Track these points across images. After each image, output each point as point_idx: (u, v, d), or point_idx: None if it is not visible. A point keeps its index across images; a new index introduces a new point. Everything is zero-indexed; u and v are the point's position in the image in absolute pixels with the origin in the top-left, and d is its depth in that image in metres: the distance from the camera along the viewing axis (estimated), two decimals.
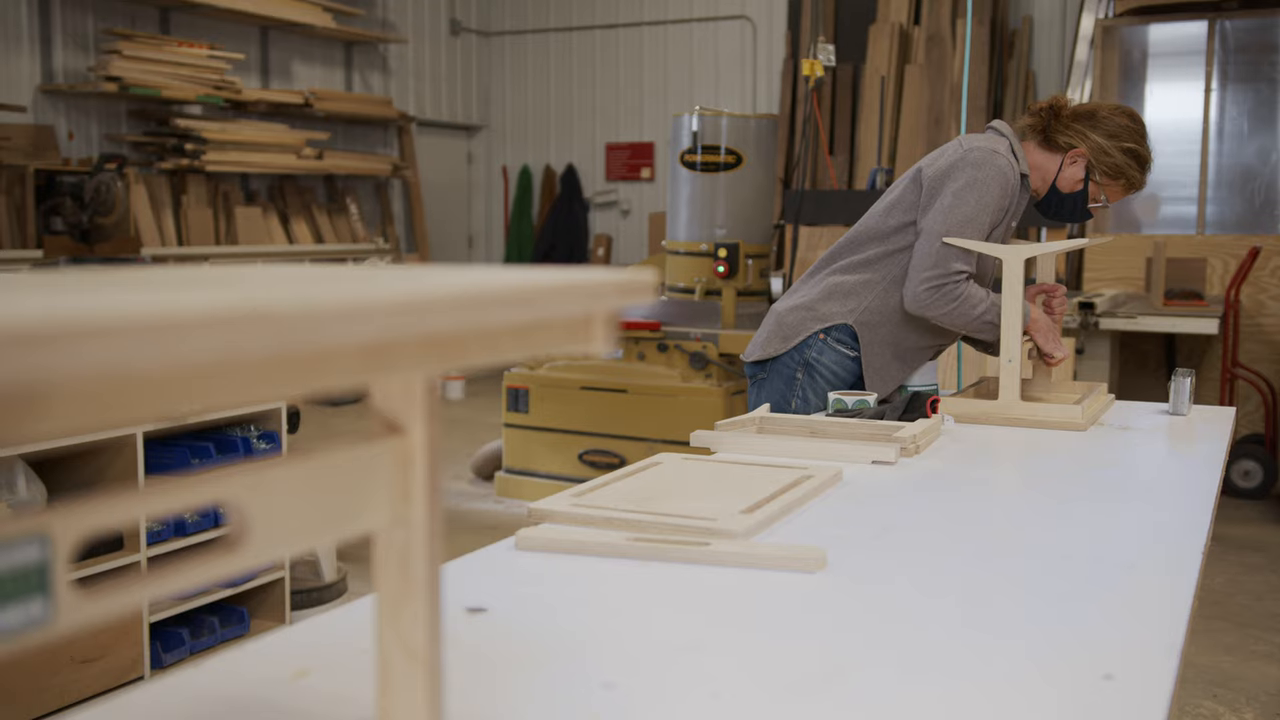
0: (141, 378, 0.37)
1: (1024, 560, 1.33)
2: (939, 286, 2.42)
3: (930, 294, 2.42)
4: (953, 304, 2.42)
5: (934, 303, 2.43)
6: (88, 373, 0.32)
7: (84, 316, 0.32)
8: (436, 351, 0.49)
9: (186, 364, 0.37)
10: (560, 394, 5.46)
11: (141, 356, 0.33)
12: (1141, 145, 2.52)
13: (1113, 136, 2.50)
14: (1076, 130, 2.52)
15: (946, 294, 2.42)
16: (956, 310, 2.43)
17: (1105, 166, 2.51)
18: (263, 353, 0.39)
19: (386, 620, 0.65)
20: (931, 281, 2.42)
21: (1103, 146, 2.49)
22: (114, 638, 2.86)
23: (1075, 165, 2.52)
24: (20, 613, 0.46)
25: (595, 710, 0.89)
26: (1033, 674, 0.98)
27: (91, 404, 0.35)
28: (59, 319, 0.32)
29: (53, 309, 0.32)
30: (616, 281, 0.57)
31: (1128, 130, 2.50)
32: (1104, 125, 2.51)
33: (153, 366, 0.34)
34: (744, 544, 1.31)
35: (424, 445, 0.62)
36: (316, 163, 8.48)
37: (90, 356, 0.32)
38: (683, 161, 5.84)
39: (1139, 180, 2.55)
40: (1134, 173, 2.52)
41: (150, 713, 0.87)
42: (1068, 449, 2.04)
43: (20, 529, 0.45)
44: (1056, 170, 2.54)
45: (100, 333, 0.32)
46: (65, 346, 0.32)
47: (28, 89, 7.04)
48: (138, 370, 0.35)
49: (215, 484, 0.53)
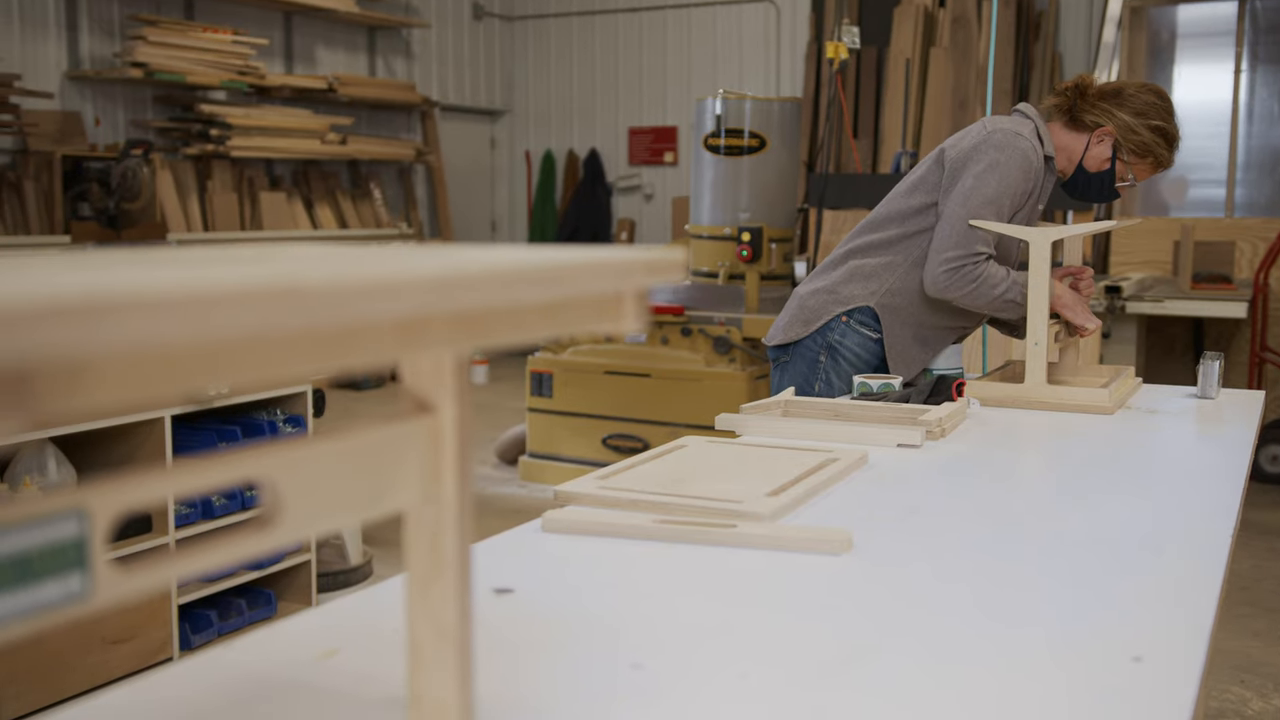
0: (179, 353, 0.37)
1: (1051, 543, 1.33)
2: (958, 268, 2.40)
3: (949, 276, 2.41)
4: (972, 285, 2.41)
5: (953, 284, 2.42)
6: (127, 347, 0.32)
7: (123, 291, 0.33)
8: (467, 328, 0.49)
9: (223, 339, 0.37)
10: (584, 378, 5.47)
11: (180, 331, 0.34)
12: (1169, 123, 2.49)
13: (1140, 114, 2.47)
14: (1103, 109, 2.49)
15: (965, 275, 2.40)
16: (976, 291, 2.41)
17: (1133, 145, 2.48)
18: (297, 328, 0.40)
19: (416, 599, 0.66)
20: (950, 263, 2.41)
21: (1130, 125, 2.47)
22: (144, 619, 2.88)
23: (1102, 144, 2.50)
24: (59, 587, 0.46)
25: (624, 690, 0.89)
26: (1061, 655, 0.98)
27: (131, 379, 0.36)
28: (99, 294, 0.32)
29: (92, 284, 0.33)
30: (646, 259, 0.56)
31: (1155, 108, 2.48)
32: (1131, 103, 2.48)
33: (190, 341, 0.34)
34: (770, 526, 1.31)
35: (454, 424, 0.63)
36: (340, 148, 8.50)
37: (130, 331, 0.33)
38: (706, 145, 5.83)
39: (1167, 158, 2.52)
40: (1162, 151, 2.50)
41: (183, 690, 0.88)
42: (1095, 432, 2.02)
43: (58, 504, 0.46)
44: (1083, 150, 2.52)
45: (139, 307, 0.33)
46: (105, 320, 0.32)
47: (55, 76, 7.08)
48: (176, 345, 0.35)
49: (249, 461, 0.53)
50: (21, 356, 0.31)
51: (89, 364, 0.34)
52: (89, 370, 0.34)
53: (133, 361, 0.35)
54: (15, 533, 0.44)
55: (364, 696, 0.87)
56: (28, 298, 0.31)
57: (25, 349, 0.31)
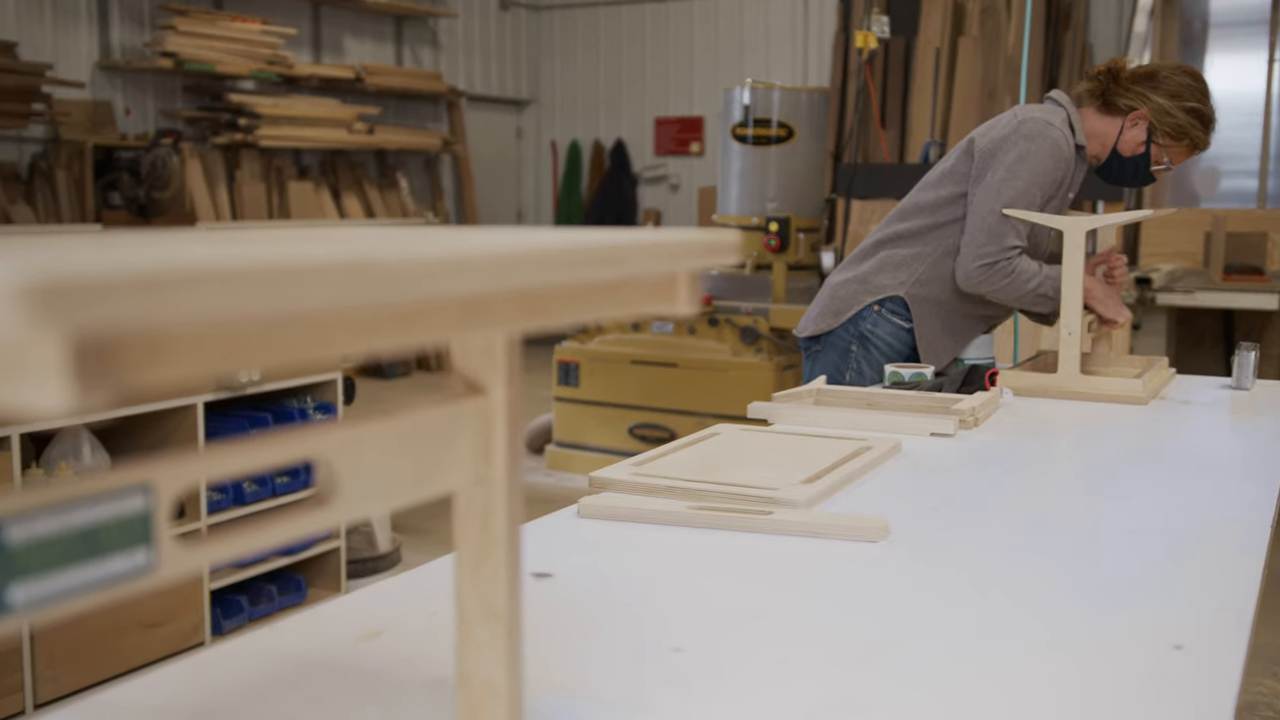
0: (255, 326, 0.37)
1: (1087, 533, 1.32)
2: (992, 264, 2.39)
3: (983, 272, 2.40)
4: (1005, 280, 2.40)
5: (986, 280, 2.41)
6: (205, 320, 0.33)
7: (201, 264, 0.33)
8: (529, 308, 0.50)
9: (298, 313, 0.38)
10: (611, 368, 5.47)
11: (256, 303, 0.34)
12: (1205, 104, 2.47)
13: (1175, 96, 2.45)
14: (1137, 92, 2.47)
15: (999, 271, 2.39)
16: (1009, 286, 2.40)
17: (1168, 127, 2.46)
18: (371, 303, 0.40)
19: (466, 579, 0.66)
20: (984, 259, 2.40)
21: (1164, 107, 2.45)
22: (177, 604, 2.91)
23: (1136, 128, 2.48)
24: (125, 561, 0.47)
25: (665, 673, 0.90)
26: (1101, 644, 0.97)
27: (208, 352, 0.36)
28: (178, 266, 0.33)
29: (170, 258, 0.33)
30: (701, 241, 0.57)
31: (1190, 89, 2.46)
32: (1165, 85, 2.46)
33: (267, 314, 0.35)
34: (806, 513, 1.31)
35: (505, 405, 0.63)
36: (367, 137, 8.53)
37: (207, 304, 0.33)
38: (734, 135, 5.82)
39: (1203, 140, 2.50)
40: (1198, 133, 2.47)
41: (228, 670, 0.89)
42: (1129, 423, 2.01)
43: (125, 479, 0.46)
44: (1117, 134, 2.50)
45: (218, 279, 0.33)
46: (184, 293, 0.32)
47: (86, 65, 7.13)
48: (252, 318, 0.35)
49: (307, 440, 0.54)
50: (104, 328, 0.31)
51: (168, 337, 0.34)
52: (168, 343, 0.34)
53: (209, 335, 0.36)
54: (84, 507, 0.45)
55: (408, 677, 0.88)
56: (110, 269, 0.31)
57: (107, 321, 0.31)
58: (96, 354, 0.31)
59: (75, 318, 0.29)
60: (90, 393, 0.31)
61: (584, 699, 0.85)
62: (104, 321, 0.31)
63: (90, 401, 0.31)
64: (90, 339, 0.31)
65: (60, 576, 0.44)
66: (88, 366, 0.31)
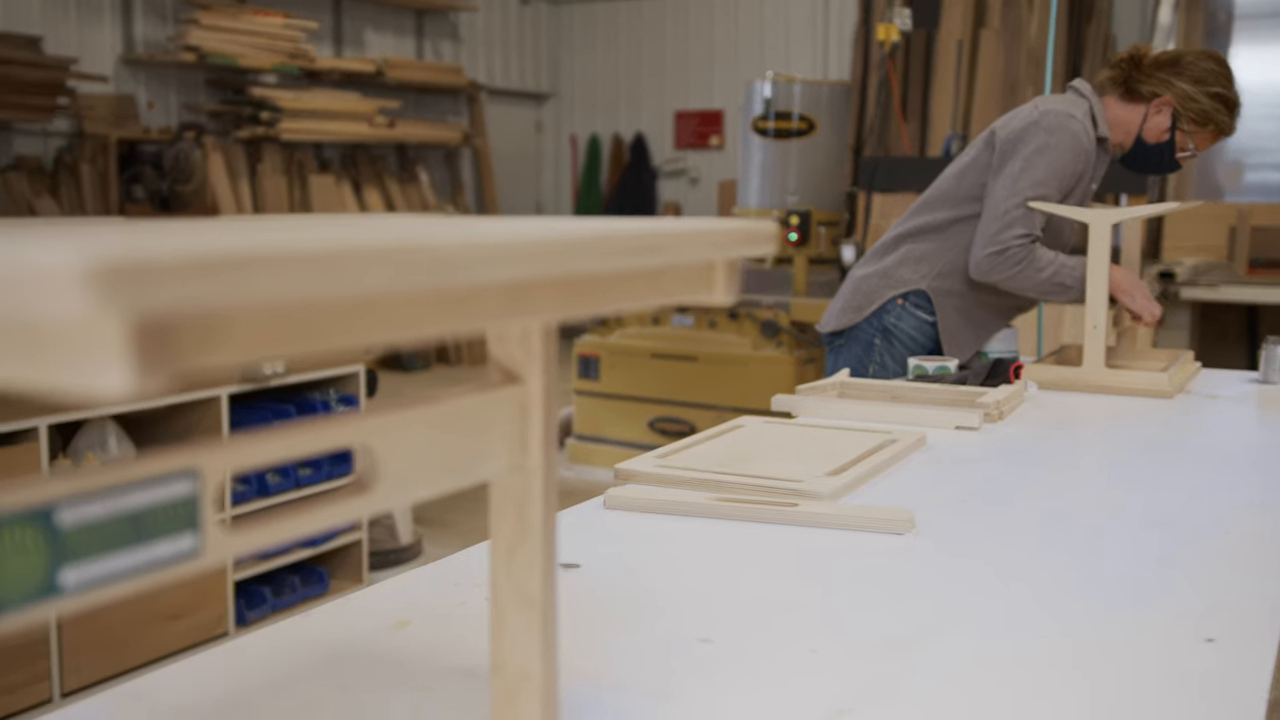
0: (308, 309, 0.38)
1: (1114, 526, 1.32)
2: (1001, 252, 2.38)
3: (993, 259, 2.39)
4: (1016, 268, 2.38)
5: (996, 267, 2.40)
6: (261, 303, 0.33)
7: (261, 248, 0.33)
8: (571, 295, 0.50)
9: (353, 296, 0.38)
10: (631, 361, 5.48)
11: (310, 287, 0.34)
12: (1229, 89, 2.45)
13: (1199, 82, 2.43)
14: (1160, 79, 2.45)
15: (1010, 258, 2.38)
16: (1021, 274, 2.39)
17: (1192, 113, 2.44)
18: (420, 288, 0.40)
19: (501, 566, 0.66)
20: (994, 247, 2.39)
21: (1189, 93, 2.43)
22: (201, 595, 2.93)
23: (1161, 114, 2.46)
24: (171, 545, 0.47)
25: (695, 663, 0.90)
26: (1131, 636, 0.97)
27: (266, 335, 0.36)
28: (238, 249, 0.33)
29: (230, 241, 0.34)
30: (739, 230, 0.57)
31: (1214, 74, 2.44)
32: (1189, 71, 2.44)
33: (320, 298, 0.35)
34: (832, 505, 1.31)
35: (541, 394, 0.63)
36: (388, 131, 8.54)
37: (265, 286, 0.33)
38: (755, 128, 5.81)
39: (1229, 125, 2.48)
40: (1223, 118, 2.46)
41: (261, 658, 0.89)
42: (1154, 416, 2.01)
43: (171, 465, 0.47)
44: (1141, 122, 2.48)
45: (275, 261, 0.33)
46: (244, 276, 0.33)
47: (109, 59, 7.17)
48: (306, 301, 0.36)
49: (348, 426, 0.54)
50: (164, 311, 0.32)
51: (225, 320, 0.35)
52: (225, 326, 0.35)
53: (264, 318, 0.36)
54: (132, 491, 0.46)
55: (440, 665, 0.88)
56: (171, 252, 0.32)
57: (168, 303, 0.31)
58: (157, 337, 0.31)
59: (137, 299, 0.30)
60: (150, 375, 0.31)
61: (613, 687, 0.85)
62: (165, 304, 0.31)
63: (150, 384, 0.32)
64: (151, 321, 0.31)
65: (109, 560, 0.45)
66: (148, 349, 0.31)
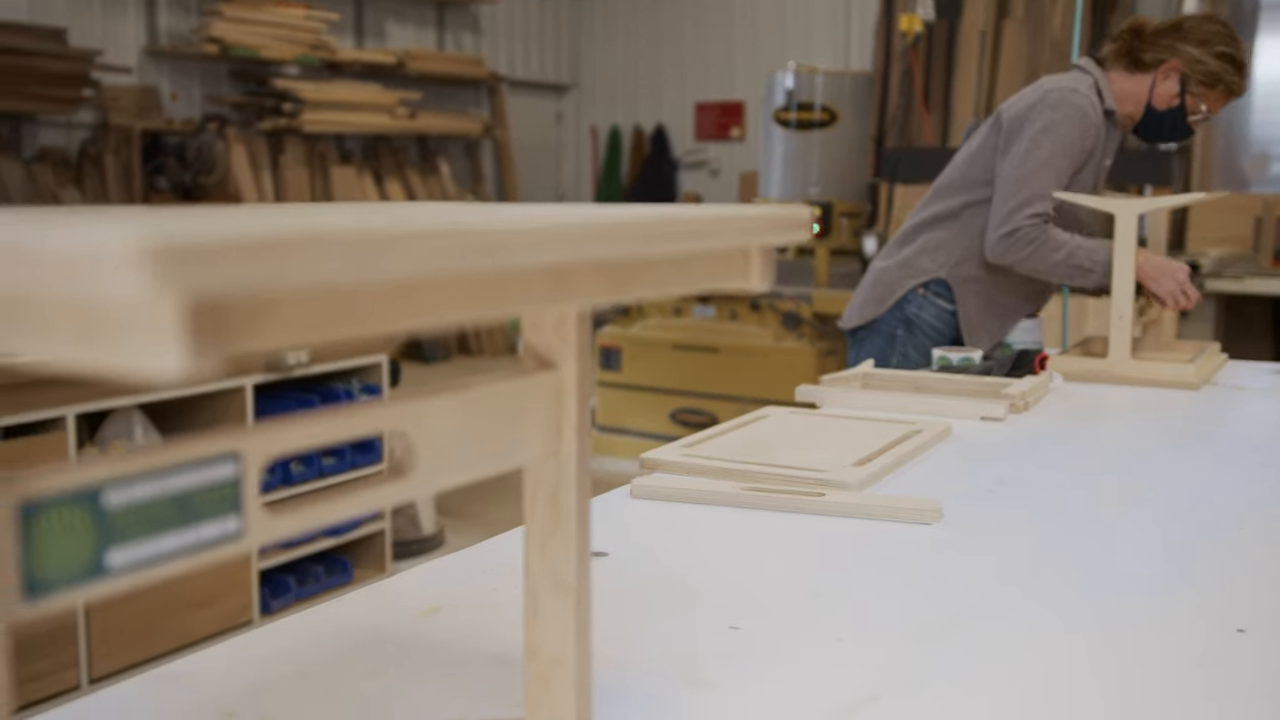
0: (356, 292, 0.38)
1: (1141, 516, 1.31)
2: (1014, 232, 2.38)
3: (1006, 241, 2.38)
4: (1029, 248, 2.37)
5: (1010, 248, 2.39)
6: (311, 285, 0.33)
7: (308, 230, 0.34)
8: (609, 279, 0.50)
9: (396, 279, 0.38)
10: (652, 353, 5.48)
11: (359, 269, 0.35)
12: (1236, 48, 2.44)
13: (1204, 43, 2.42)
14: (1164, 45, 2.45)
15: (1022, 238, 2.37)
16: (1036, 255, 2.38)
17: (1201, 75, 2.43)
18: (465, 271, 0.41)
19: (535, 552, 0.67)
20: (1006, 226, 2.38)
21: (1195, 55, 2.42)
22: (226, 584, 2.95)
23: (1169, 80, 2.45)
24: (216, 527, 0.48)
25: (724, 650, 0.90)
26: (1161, 626, 0.97)
27: (311, 318, 0.37)
28: (286, 231, 0.33)
29: (277, 224, 0.34)
30: (775, 216, 0.57)
31: (1219, 34, 2.43)
32: (1194, 34, 2.43)
33: (368, 280, 0.35)
34: (859, 495, 1.31)
35: (575, 380, 0.64)
36: (409, 123, 8.56)
37: (315, 268, 0.34)
38: (776, 119, 5.79)
39: (1239, 84, 2.46)
40: (1232, 77, 2.45)
41: (294, 642, 0.90)
42: (1181, 408, 1.99)
43: (214, 448, 0.47)
44: (1149, 91, 2.47)
45: (325, 242, 0.34)
46: (294, 255, 0.33)
47: (133, 51, 7.20)
48: (353, 284, 0.36)
49: (386, 411, 0.54)
50: (216, 292, 0.32)
51: (274, 302, 0.35)
52: (273, 308, 0.35)
53: (314, 300, 0.36)
54: (178, 474, 0.46)
55: (471, 651, 0.89)
56: (223, 232, 0.32)
57: (220, 284, 0.32)
58: (210, 318, 0.32)
59: (191, 280, 0.30)
60: (203, 357, 0.32)
61: (643, 674, 0.85)
62: (217, 285, 0.31)
63: (202, 366, 0.32)
64: (204, 303, 0.32)
65: (155, 541, 0.46)
66: (201, 331, 0.32)
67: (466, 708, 0.79)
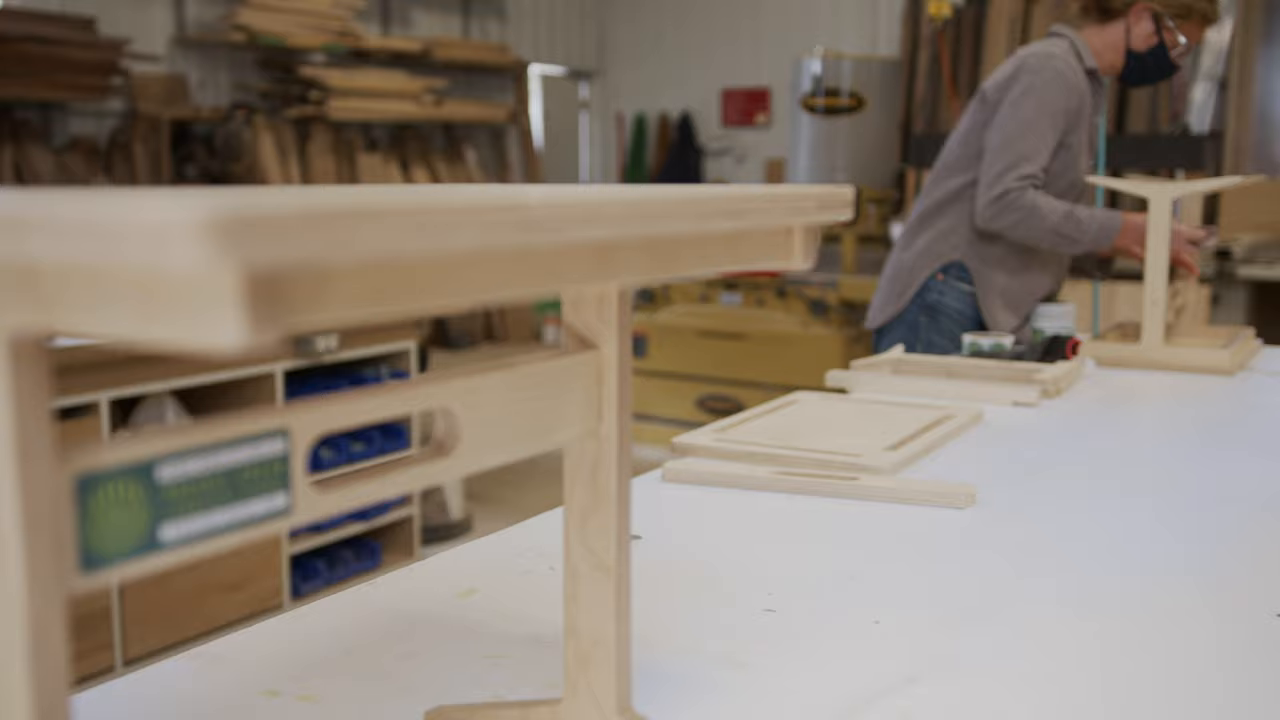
0: (408, 267, 0.38)
1: (1177, 501, 1.31)
2: (1002, 195, 2.38)
3: (994, 206, 2.39)
4: (1019, 213, 2.37)
5: (1000, 213, 2.39)
6: (366, 258, 0.34)
7: (366, 201, 0.34)
8: (655, 257, 0.50)
9: (450, 254, 0.39)
10: (679, 339, 5.48)
11: (413, 241, 0.35)
12: None
13: None
14: None
15: (1010, 203, 2.37)
16: (1027, 221, 2.38)
17: (1174, 9, 2.44)
18: (514, 246, 0.41)
19: (574, 533, 0.67)
20: (994, 190, 2.38)
21: None
22: (257, 568, 2.97)
23: (1142, 21, 2.45)
24: (265, 503, 0.48)
25: (760, 633, 0.90)
26: (1199, 611, 0.96)
27: (366, 291, 0.37)
28: (345, 204, 0.33)
29: (335, 198, 0.34)
30: (817, 194, 0.57)
31: None
32: None
33: (420, 253, 0.35)
34: (893, 479, 1.31)
35: (616, 360, 0.64)
36: (435, 110, 8.57)
37: (372, 242, 0.34)
38: (804, 105, 5.77)
39: (1212, 10, 2.46)
40: (1203, 4, 2.45)
41: (334, 623, 0.91)
42: (1215, 393, 1.98)
43: (263, 424, 0.48)
44: (1125, 36, 2.47)
45: (382, 214, 0.34)
46: (350, 228, 0.33)
47: (161, 39, 7.24)
48: (407, 258, 0.36)
49: (431, 388, 0.55)
50: (276, 264, 0.32)
51: (330, 275, 0.35)
52: (329, 282, 0.35)
53: (368, 274, 0.37)
54: (228, 450, 0.46)
55: (508, 632, 0.89)
56: (283, 205, 0.32)
57: (280, 257, 0.32)
58: (269, 291, 0.32)
59: (253, 251, 0.30)
60: (262, 330, 0.32)
61: (680, 655, 0.85)
62: (279, 256, 0.31)
63: (260, 339, 0.32)
64: (264, 274, 0.32)
65: (206, 516, 0.46)
66: (261, 303, 0.32)
67: (504, 687, 0.79)
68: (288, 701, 0.77)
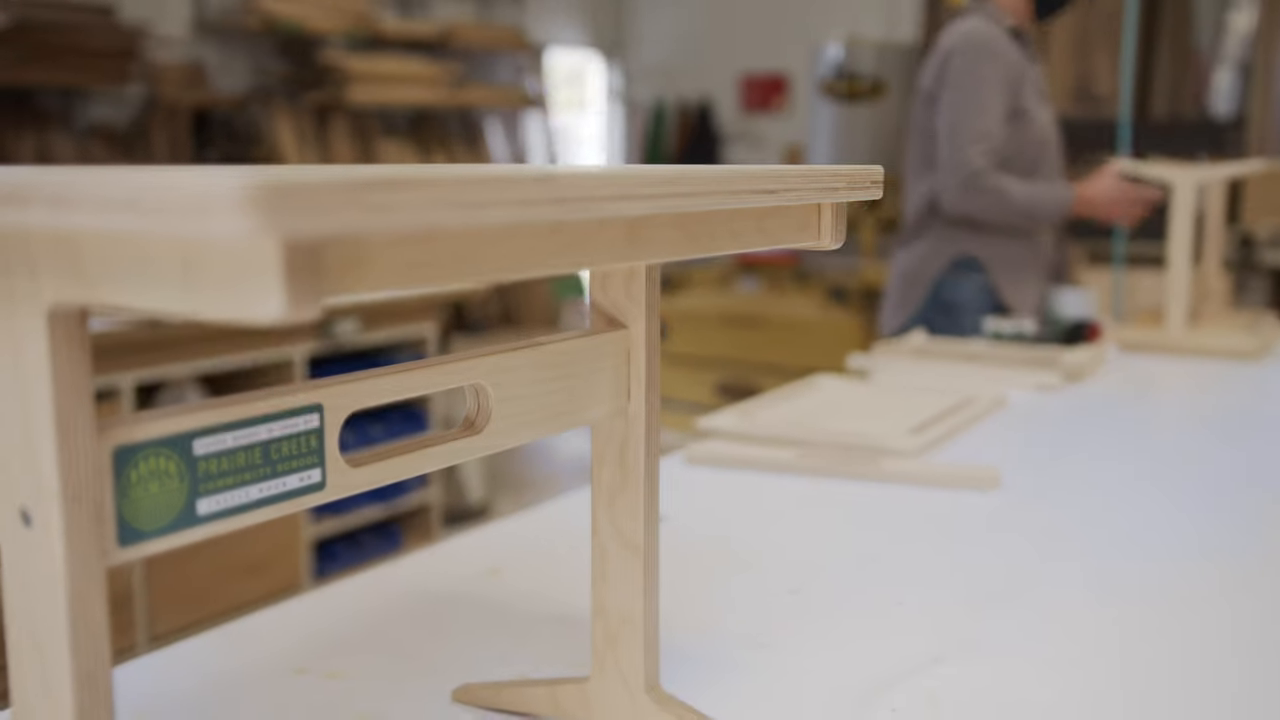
0: (444, 241, 0.38)
1: (1202, 486, 1.30)
2: (971, 176, 2.38)
3: (960, 193, 2.39)
4: (988, 196, 2.38)
5: (967, 200, 2.39)
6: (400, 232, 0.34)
7: (404, 173, 0.34)
8: (686, 235, 0.50)
9: (484, 228, 0.39)
10: (697, 324, 5.47)
11: (447, 216, 0.35)
12: None
13: None
14: None
15: (978, 185, 2.37)
16: (997, 203, 2.39)
17: None
18: (549, 221, 0.41)
19: (602, 511, 0.67)
20: (962, 171, 2.38)
21: None
22: (279, 550, 2.99)
23: None
24: (299, 478, 0.49)
25: (785, 613, 0.91)
26: (1221, 595, 0.96)
27: (406, 265, 0.37)
28: (384, 174, 0.33)
29: (373, 170, 0.34)
30: (848, 173, 0.57)
31: None
32: None
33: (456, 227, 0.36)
34: (916, 462, 1.31)
35: (644, 339, 0.64)
36: (453, 95, 8.57)
37: (404, 215, 0.34)
38: (824, 91, 5.75)
39: None
40: None
41: (361, 602, 0.91)
42: (1239, 378, 1.97)
43: (298, 400, 0.48)
44: None
45: (420, 185, 0.34)
46: (392, 200, 0.33)
47: (181, 25, 7.26)
48: (442, 231, 0.36)
49: (463, 366, 0.55)
50: (316, 236, 0.32)
51: (367, 247, 0.35)
52: (367, 254, 0.36)
53: (405, 247, 0.37)
54: (263, 425, 0.47)
55: (535, 611, 0.89)
56: (325, 176, 0.32)
57: (320, 228, 0.32)
58: (310, 262, 0.32)
59: (295, 222, 0.30)
60: (303, 302, 0.32)
61: (705, 634, 0.86)
62: (321, 227, 0.32)
63: (299, 311, 0.33)
64: (304, 247, 0.32)
65: (242, 490, 0.46)
66: (300, 275, 0.32)
67: (531, 666, 0.80)
68: (316, 679, 0.78)
